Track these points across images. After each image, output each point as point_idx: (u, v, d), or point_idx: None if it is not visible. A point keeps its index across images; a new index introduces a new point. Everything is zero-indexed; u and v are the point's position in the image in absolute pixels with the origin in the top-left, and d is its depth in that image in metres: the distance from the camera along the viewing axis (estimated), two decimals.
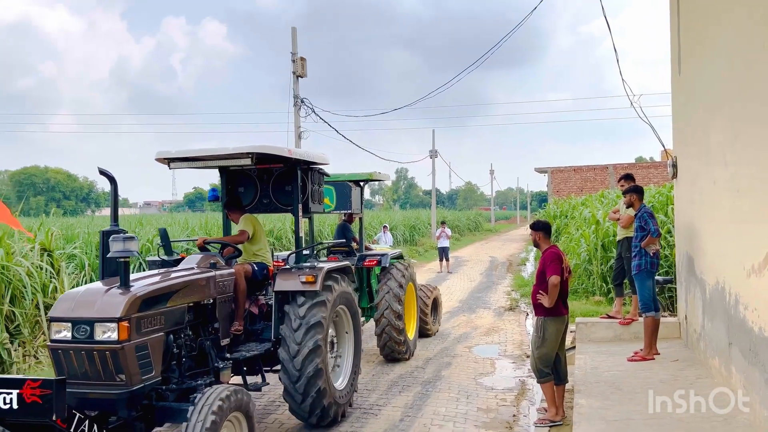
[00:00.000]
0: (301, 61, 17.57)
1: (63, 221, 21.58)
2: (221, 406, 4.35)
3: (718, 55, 5.80)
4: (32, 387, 3.79)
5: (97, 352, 4.41)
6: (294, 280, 5.98)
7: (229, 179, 6.99)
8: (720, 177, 5.74)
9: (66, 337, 4.49)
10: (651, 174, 32.05)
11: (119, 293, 4.59)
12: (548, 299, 5.99)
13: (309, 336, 5.73)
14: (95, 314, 4.47)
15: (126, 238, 4.54)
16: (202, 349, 5.44)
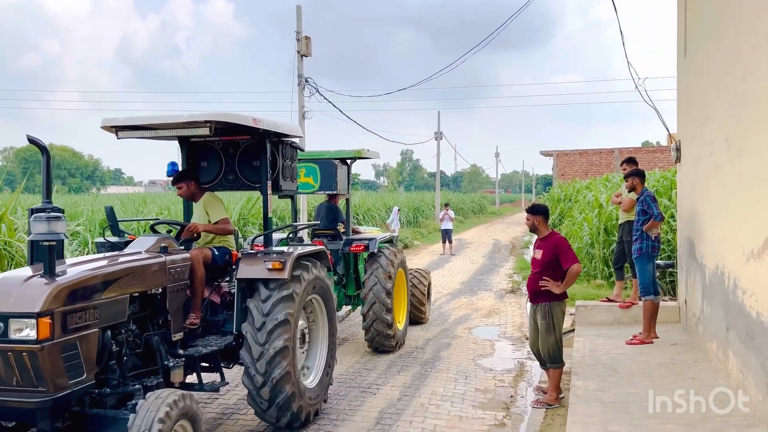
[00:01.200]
0: (306, 40, 17.45)
1: (68, 198, 21.66)
2: (168, 413, 3.76)
3: (723, 38, 5.74)
4: None
5: (13, 353, 3.70)
6: (259, 267, 5.29)
7: (189, 153, 6.22)
8: (722, 161, 5.71)
9: None
10: (657, 158, 31.88)
11: (42, 283, 3.86)
12: (563, 287, 5.98)
13: (275, 335, 5.09)
14: (10, 308, 3.74)
15: (51, 217, 3.87)
16: (149, 345, 4.76)
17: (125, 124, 5.22)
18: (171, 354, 4.91)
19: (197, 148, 6.24)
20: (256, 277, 5.30)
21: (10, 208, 9.65)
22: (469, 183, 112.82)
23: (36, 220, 3.87)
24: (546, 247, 6.13)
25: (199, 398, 5.37)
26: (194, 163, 6.24)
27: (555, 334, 6.10)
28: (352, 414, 6.06)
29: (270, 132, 5.62)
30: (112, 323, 4.32)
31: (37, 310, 3.68)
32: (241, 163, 6.12)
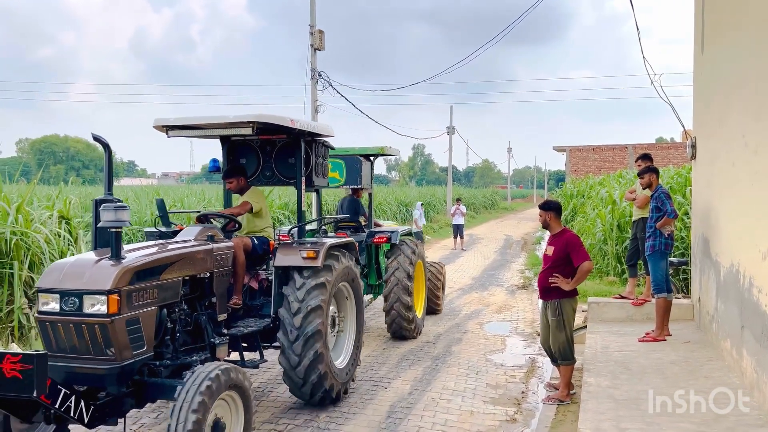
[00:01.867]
0: (320, 34, 17.42)
1: (81, 190, 21.80)
2: (210, 386, 4.10)
3: (742, 35, 5.68)
4: (12, 362, 3.61)
5: (86, 326, 4.22)
6: (295, 255, 5.78)
7: (230, 150, 6.77)
8: (739, 159, 5.66)
9: (54, 309, 4.31)
10: (671, 155, 31.67)
11: (110, 264, 4.39)
12: (573, 284, 5.97)
13: (309, 320, 5.55)
14: (84, 286, 4.27)
15: (118, 207, 4.39)
16: (198, 324, 5.25)
17: (175, 124, 5.78)
18: (216, 332, 5.38)
19: (237, 147, 6.79)
20: (291, 265, 5.77)
21: (26, 199, 9.72)
22: (480, 178, 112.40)
23: (105, 209, 4.35)
24: (558, 243, 6.11)
25: None
26: (234, 160, 6.77)
27: (565, 331, 6.09)
28: (363, 407, 6.09)
29: (305, 132, 6.14)
30: (167, 303, 4.83)
31: (108, 288, 4.21)
32: (278, 160, 6.68)
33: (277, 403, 6.24)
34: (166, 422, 5.62)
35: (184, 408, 3.98)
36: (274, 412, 5.98)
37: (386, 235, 8.77)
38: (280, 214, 17.74)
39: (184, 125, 5.82)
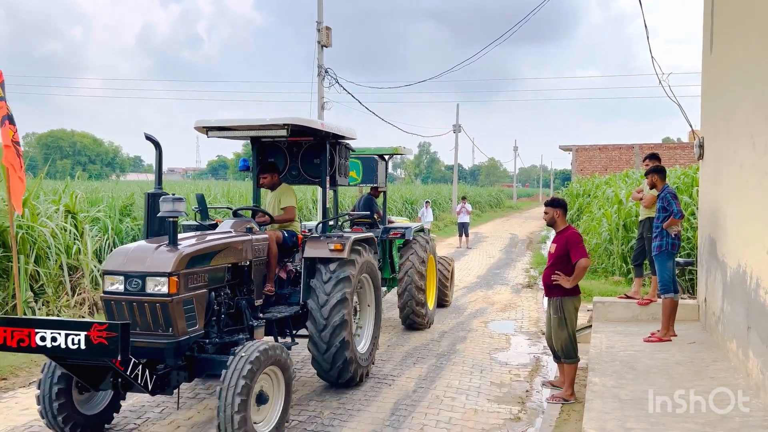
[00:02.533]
0: (327, 31, 17.41)
1: (88, 185, 21.86)
2: (258, 358, 4.62)
3: (751, 34, 5.64)
4: (99, 330, 4.03)
5: (148, 304, 4.70)
6: (323, 248, 6.24)
7: (260, 150, 7.23)
8: (747, 159, 5.63)
9: (118, 289, 4.78)
10: (677, 155, 31.54)
11: (169, 250, 4.87)
12: (572, 281, 5.97)
13: (335, 312, 5.98)
14: (147, 269, 4.75)
15: (175, 199, 4.89)
16: (239, 307, 5.73)
17: (215, 125, 6.26)
18: (253, 316, 5.90)
19: (266, 147, 7.30)
20: (320, 257, 6.23)
21: (32, 194, 9.76)
22: (486, 176, 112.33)
23: (164, 201, 4.85)
24: (560, 241, 6.13)
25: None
26: (263, 160, 7.18)
27: (567, 328, 6.09)
28: (367, 404, 6.09)
29: (331, 134, 6.63)
30: (214, 286, 5.33)
31: (169, 271, 4.71)
32: (304, 160, 7.22)
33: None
34: (169, 417, 5.67)
35: (235, 377, 4.48)
36: None
37: (400, 231, 9.25)
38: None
39: (224, 127, 6.31)
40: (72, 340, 4.05)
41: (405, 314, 9.06)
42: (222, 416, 4.42)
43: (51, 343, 4.08)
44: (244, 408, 4.46)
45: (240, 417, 4.42)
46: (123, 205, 16.34)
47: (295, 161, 7.25)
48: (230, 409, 4.41)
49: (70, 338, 4.06)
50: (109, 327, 4.01)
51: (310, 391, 6.45)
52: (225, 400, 4.43)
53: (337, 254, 6.17)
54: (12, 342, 4.16)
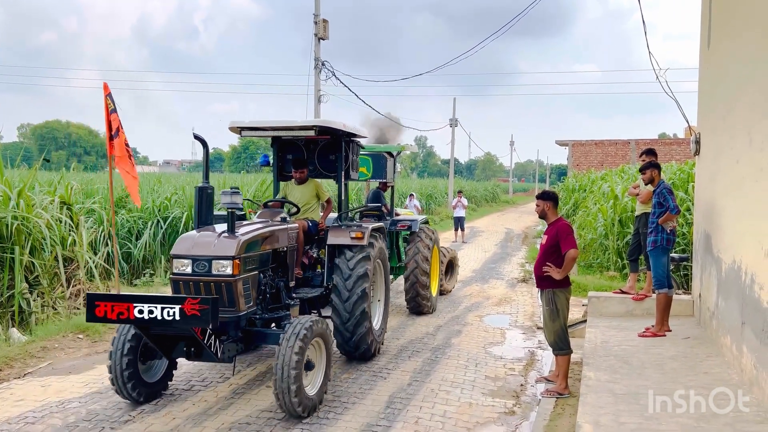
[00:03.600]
0: (324, 24, 17.37)
1: (83, 176, 21.78)
2: (306, 334, 5.31)
3: (749, 31, 5.64)
4: (192, 303, 4.75)
5: (214, 284, 5.41)
6: (345, 236, 7.02)
7: (280, 148, 7.93)
8: (743, 155, 5.64)
9: (186, 271, 5.45)
10: (673, 150, 31.57)
11: (231, 237, 5.58)
12: (562, 272, 5.98)
13: (357, 285, 6.76)
14: (213, 253, 5.44)
15: (233, 192, 5.64)
16: (278, 288, 6.44)
17: (249, 126, 6.97)
18: (288, 296, 6.60)
19: (285, 145, 7.96)
20: (342, 243, 6.98)
21: (27, 185, 9.72)
22: (482, 171, 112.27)
23: (224, 194, 5.60)
24: (550, 232, 6.15)
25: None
26: (282, 157, 7.96)
27: (559, 320, 6.10)
28: (362, 397, 6.10)
29: (347, 133, 7.30)
30: (263, 269, 6.06)
31: (233, 255, 5.43)
32: (320, 157, 7.91)
33: None
34: (165, 408, 5.67)
35: (288, 352, 5.16)
36: (272, 400, 5.97)
37: (407, 223, 9.97)
38: None
39: (256, 127, 7.01)
40: (167, 312, 4.77)
41: (411, 297, 9.68)
42: (279, 387, 5.16)
43: (148, 315, 4.78)
44: (299, 379, 5.20)
45: (295, 386, 5.16)
46: (118, 196, 16.32)
47: (312, 158, 7.91)
48: (286, 382, 5.13)
49: (165, 311, 4.77)
50: (202, 301, 4.77)
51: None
52: (281, 373, 5.15)
53: (358, 241, 6.95)
54: (112, 315, 4.87)
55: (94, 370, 6.94)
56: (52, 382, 6.51)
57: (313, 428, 5.33)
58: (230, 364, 6.13)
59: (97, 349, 7.80)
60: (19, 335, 7.93)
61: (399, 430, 5.35)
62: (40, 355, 7.40)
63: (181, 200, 15.54)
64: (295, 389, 5.17)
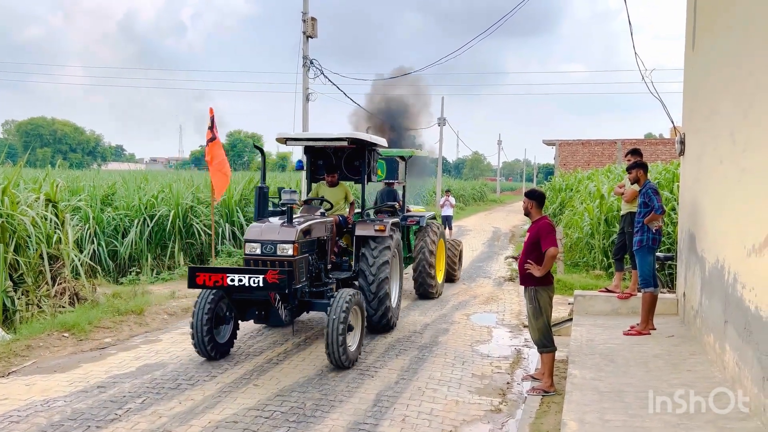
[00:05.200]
0: (312, 22, 17.32)
1: (69, 174, 21.61)
2: (348, 301, 6.78)
3: (732, 33, 5.71)
4: (273, 274, 6.31)
5: (278, 262, 6.87)
6: (370, 229, 8.43)
7: (312, 155, 9.38)
8: (727, 156, 5.71)
9: (256, 252, 6.98)
10: (659, 150, 31.81)
11: (290, 226, 7.11)
12: (542, 270, 6.03)
13: (380, 270, 8.16)
14: (278, 238, 6.97)
15: (291, 191, 7.47)
16: (319, 269, 7.82)
17: (294, 137, 8.45)
18: (326, 276, 8.01)
19: (316, 152, 9.35)
20: (368, 235, 8.41)
21: (12, 182, 9.63)
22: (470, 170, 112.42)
23: (285, 192, 7.46)
24: (533, 230, 6.23)
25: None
26: (314, 162, 9.46)
27: (543, 317, 6.16)
28: (349, 395, 6.11)
29: (371, 143, 8.72)
30: (310, 253, 7.52)
31: (293, 240, 6.95)
32: (346, 163, 9.34)
33: (263, 389, 6.25)
34: (151, 407, 5.65)
35: (336, 316, 6.60)
36: (260, 399, 5.99)
37: (416, 219, 11.25)
38: None
39: (300, 138, 8.54)
40: (253, 280, 6.29)
41: (419, 284, 11.00)
42: (331, 340, 6.61)
43: (238, 282, 6.31)
44: (344, 334, 6.68)
45: (341, 339, 6.62)
46: (104, 194, 16.21)
47: (339, 163, 9.30)
48: (335, 341, 6.59)
49: (252, 279, 6.29)
50: (280, 272, 6.32)
51: (292, 382, 6.46)
52: (331, 334, 6.60)
53: (381, 234, 8.37)
54: (209, 282, 6.43)
55: (80, 369, 6.90)
56: (37, 381, 6.47)
57: (300, 427, 5.34)
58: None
59: (82, 348, 7.76)
60: (3, 334, 7.86)
61: (386, 428, 5.37)
62: (25, 353, 7.34)
63: (168, 198, 15.46)
64: (341, 341, 6.61)
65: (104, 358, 7.35)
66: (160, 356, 7.43)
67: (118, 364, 7.12)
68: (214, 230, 13.57)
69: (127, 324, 8.92)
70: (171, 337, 8.37)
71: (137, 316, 9.27)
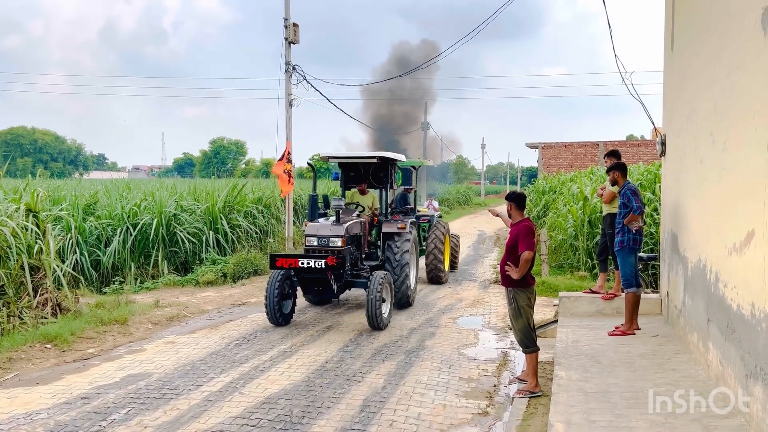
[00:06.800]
0: (294, 28, 17.29)
1: (50, 183, 21.38)
2: (383, 280, 9.12)
3: (710, 33, 5.77)
4: (332, 258, 8.79)
5: (331, 251, 9.18)
6: (394, 227, 10.68)
7: (345, 168, 11.66)
8: (707, 156, 5.76)
9: (314, 244, 9.36)
10: (641, 152, 32.09)
11: (339, 225, 9.49)
12: (518, 273, 6.06)
13: (403, 258, 10.29)
14: (330, 233, 9.36)
15: (339, 199, 9.88)
16: (357, 258, 9.99)
17: (335, 156, 10.99)
18: (361, 263, 10.20)
19: (349, 166, 11.60)
20: (392, 231, 10.66)
21: None
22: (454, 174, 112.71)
23: (335, 200, 9.81)
24: (512, 232, 6.28)
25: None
26: (348, 173, 11.72)
27: (523, 318, 6.19)
28: (336, 401, 6.08)
29: (392, 160, 11.11)
30: (352, 245, 9.76)
31: (341, 234, 9.31)
32: (373, 174, 11.62)
33: (249, 398, 6.21)
34: (136, 417, 5.58)
35: (375, 289, 8.90)
36: (246, 407, 5.94)
37: (427, 218, 13.76)
38: None
39: (338, 156, 11.00)
40: (318, 263, 8.80)
41: (429, 270, 13.18)
42: (370, 312, 8.89)
43: (306, 265, 8.83)
44: (380, 307, 8.94)
45: (378, 305, 8.89)
46: (86, 203, 16.06)
47: (367, 175, 11.58)
48: (374, 306, 8.86)
49: (316, 262, 8.80)
50: (337, 257, 8.85)
51: (278, 390, 6.42)
52: (371, 305, 8.86)
53: (402, 230, 10.60)
54: (286, 264, 8.98)
55: (63, 380, 6.81)
56: (19, 394, 6.38)
57: None
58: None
59: (65, 359, 7.66)
60: None
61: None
62: (6, 366, 7.24)
63: (150, 206, 15.35)
64: (378, 307, 8.88)
65: (88, 369, 7.26)
66: (145, 366, 7.36)
67: (101, 374, 7.04)
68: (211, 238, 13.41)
69: (111, 334, 8.83)
70: (155, 347, 8.29)
71: (121, 325, 9.18)
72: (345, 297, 11.73)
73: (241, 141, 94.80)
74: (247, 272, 14.20)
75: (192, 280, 13.62)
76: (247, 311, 10.64)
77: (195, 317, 10.24)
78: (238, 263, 14.24)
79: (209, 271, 13.83)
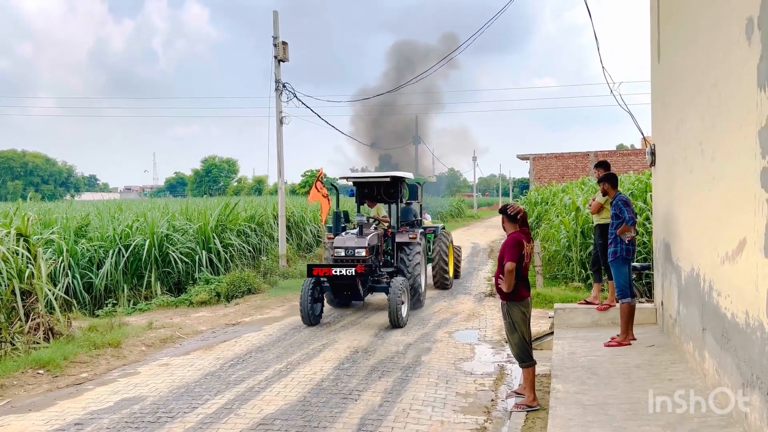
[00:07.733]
0: (283, 46, 17.36)
1: (41, 206, 21.28)
2: (402, 285, 10.44)
3: (695, 43, 5.82)
4: (361, 266, 10.33)
5: (356, 261, 10.68)
6: (406, 237, 12.20)
7: (359, 186, 13.09)
8: (696, 165, 5.79)
9: (341, 254, 10.84)
10: (631, 161, 32.29)
11: (362, 237, 11.00)
12: (504, 284, 6.06)
13: (415, 265, 11.77)
14: (355, 245, 10.86)
15: (361, 215, 11.86)
16: (375, 265, 11.24)
17: (353, 177, 12.98)
18: (379, 270, 11.49)
19: (363, 183, 13.02)
20: (405, 242, 12.14)
21: None
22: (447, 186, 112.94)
23: (359, 216, 11.94)
24: (503, 245, 6.26)
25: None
26: (362, 190, 13.09)
27: (517, 333, 6.17)
28: (333, 421, 6.03)
29: (403, 178, 12.71)
30: (373, 254, 11.15)
31: (365, 245, 10.89)
32: (385, 190, 12.93)
33: (245, 419, 6.14)
34: None
35: (395, 293, 10.23)
36: (242, 429, 5.88)
37: (432, 229, 14.91)
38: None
39: (355, 176, 12.95)
40: (348, 270, 10.29)
41: (436, 273, 14.35)
42: (392, 308, 10.22)
43: (339, 272, 10.33)
44: (401, 308, 10.24)
45: (399, 305, 10.20)
46: (78, 225, 15.97)
47: (380, 191, 12.95)
48: (396, 307, 10.17)
49: (347, 270, 10.29)
50: (365, 265, 10.51)
51: (275, 410, 6.36)
52: (393, 305, 10.20)
53: (413, 240, 12.09)
54: (321, 273, 10.50)
55: (56, 406, 6.73)
56: (11, 421, 6.30)
57: None
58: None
59: (58, 384, 7.58)
60: None
61: None
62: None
63: (143, 227, 15.27)
64: (399, 308, 10.17)
65: (81, 394, 7.18)
66: (139, 389, 7.29)
67: (95, 399, 6.97)
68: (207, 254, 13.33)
69: (104, 357, 8.75)
70: (150, 369, 8.22)
71: (114, 348, 9.10)
72: (339, 314, 11.68)
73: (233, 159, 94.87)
74: (241, 291, 14.13)
75: (185, 300, 13.55)
76: (242, 331, 10.58)
77: (189, 338, 10.16)
78: (232, 282, 14.18)
79: (203, 291, 13.76)
